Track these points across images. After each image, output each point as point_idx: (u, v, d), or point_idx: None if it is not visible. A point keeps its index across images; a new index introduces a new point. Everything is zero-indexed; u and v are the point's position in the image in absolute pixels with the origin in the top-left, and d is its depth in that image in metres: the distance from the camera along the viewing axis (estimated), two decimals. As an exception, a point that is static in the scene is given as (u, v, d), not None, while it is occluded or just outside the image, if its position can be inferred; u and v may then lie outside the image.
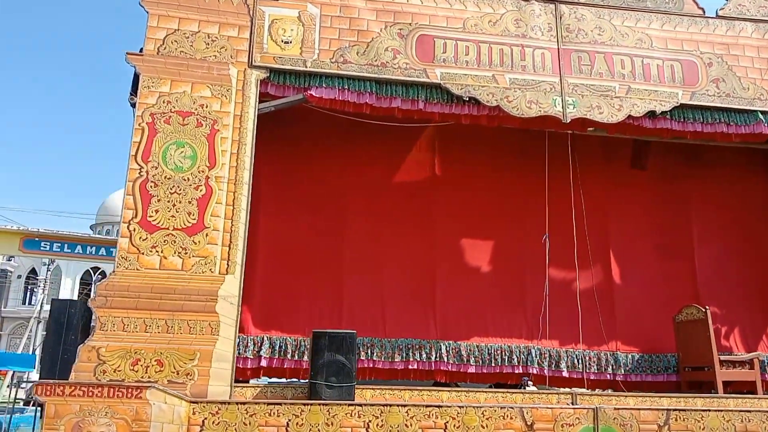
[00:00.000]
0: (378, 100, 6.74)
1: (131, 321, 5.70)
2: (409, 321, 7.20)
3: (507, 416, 5.76)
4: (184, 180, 6.11)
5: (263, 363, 6.81)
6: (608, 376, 7.46)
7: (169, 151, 6.15)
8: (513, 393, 6.36)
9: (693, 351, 7.15)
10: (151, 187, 6.03)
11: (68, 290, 44.92)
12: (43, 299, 35.02)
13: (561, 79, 6.94)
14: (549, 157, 7.66)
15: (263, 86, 6.57)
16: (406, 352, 7.08)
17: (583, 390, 6.59)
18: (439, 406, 5.71)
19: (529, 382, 6.91)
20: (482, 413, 5.73)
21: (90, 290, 45.09)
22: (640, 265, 8.01)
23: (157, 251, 5.90)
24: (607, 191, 8.03)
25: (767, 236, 8.24)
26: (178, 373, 5.63)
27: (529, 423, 5.78)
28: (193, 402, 5.44)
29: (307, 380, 6.13)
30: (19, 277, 44.12)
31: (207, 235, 6.02)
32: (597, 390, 7.10)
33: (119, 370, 5.55)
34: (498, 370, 7.27)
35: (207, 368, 5.69)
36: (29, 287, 44.67)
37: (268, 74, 6.57)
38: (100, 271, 45.93)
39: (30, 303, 43.16)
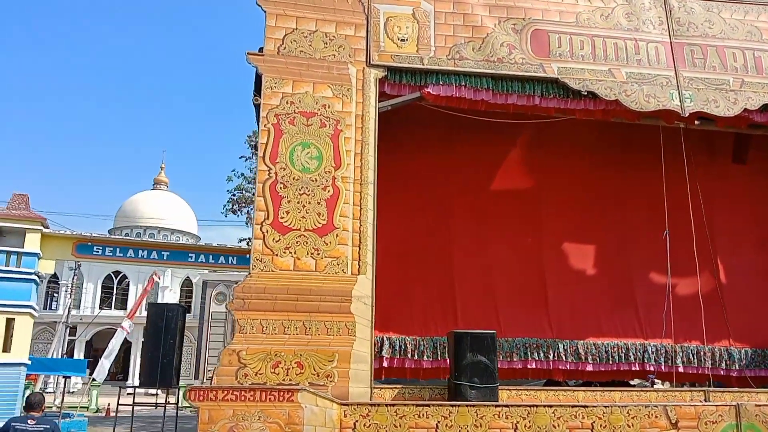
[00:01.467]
0: (494, 97, 6.67)
1: (269, 323, 5.65)
2: (523, 321, 7.13)
3: (652, 415, 5.70)
4: (312, 181, 6.06)
5: (384, 363, 6.75)
6: (722, 371, 7.37)
7: (295, 152, 6.10)
8: (647, 391, 6.27)
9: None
10: (280, 188, 5.98)
11: (90, 294, 45.29)
12: (69, 303, 35.05)
13: (676, 73, 6.85)
14: (652, 153, 7.57)
15: (380, 85, 6.51)
16: (524, 351, 7.01)
17: (716, 388, 6.46)
18: (585, 406, 5.65)
19: (656, 380, 6.82)
20: (627, 412, 5.67)
21: (111, 295, 45.50)
22: (746, 259, 7.91)
23: (290, 252, 5.85)
24: (710, 186, 7.88)
25: None
26: (318, 375, 5.58)
27: (673, 421, 5.71)
28: (344, 404, 5.39)
29: (445, 380, 6.09)
30: (41, 281, 44.62)
31: (337, 235, 5.97)
32: (725, 387, 6.97)
33: (260, 373, 5.50)
34: (615, 368, 7.20)
35: (346, 369, 5.64)
36: (50, 291, 45.03)
37: (386, 73, 6.50)
38: (121, 275, 46.31)
39: (51, 308, 43.49)
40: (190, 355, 46.53)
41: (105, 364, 20.08)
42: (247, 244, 23.11)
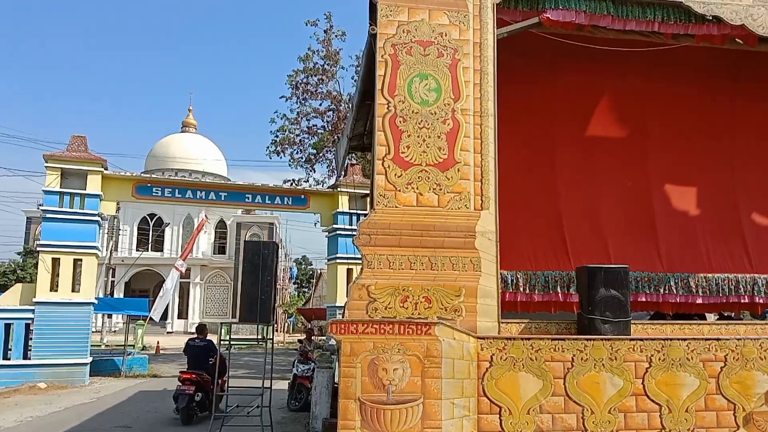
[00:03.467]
0: (612, 22, 6.35)
1: (396, 258, 5.60)
2: (633, 254, 7.00)
3: (785, 347, 5.61)
4: (431, 114, 5.87)
5: (497, 298, 6.71)
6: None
7: (413, 83, 5.89)
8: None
9: None
10: (400, 122, 5.81)
11: (127, 236, 46.25)
12: (111, 246, 35.75)
13: (807, -7, 6.42)
14: (762, 82, 7.25)
15: (497, 11, 6.20)
16: (635, 284, 6.91)
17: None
18: (718, 339, 5.59)
19: (774, 313, 6.73)
20: (760, 345, 5.60)
21: (147, 237, 46.38)
22: None
23: (412, 188, 5.73)
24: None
25: None
26: (446, 310, 5.55)
27: (806, 354, 5.62)
28: (480, 338, 5.39)
29: (558, 314, 6.05)
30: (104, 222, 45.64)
31: (458, 170, 5.82)
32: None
33: (390, 308, 5.49)
34: (725, 300, 7.11)
35: (473, 304, 5.59)
36: (88, 234, 46.03)
37: (503, -2, 6.19)
38: (156, 218, 47.06)
39: (90, 250, 44.57)
40: (227, 294, 47.90)
41: (161, 304, 20.63)
42: (292, 184, 23.15)
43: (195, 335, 10.82)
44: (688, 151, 7.53)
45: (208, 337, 10.91)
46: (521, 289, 6.82)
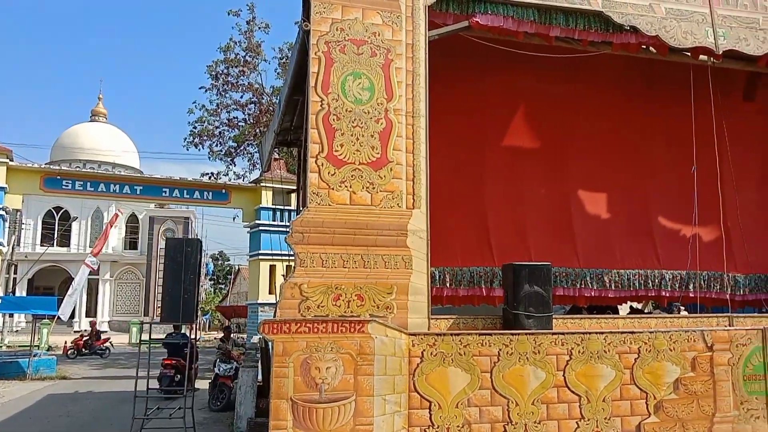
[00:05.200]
0: (538, 28, 6.61)
1: (329, 257, 5.60)
2: (552, 251, 7.32)
3: (691, 339, 6.06)
4: (365, 113, 5.90)
5: (425, 294, 6.85)
6: (727, 296, 7.85)
7: (347, 82, 5.90)
8: (678, 317, 6.66)
9: (814, 273, 7.57)
10: (333, 120, 5.81)
11: (31, 230, 43.50)
12: (14, 240, 33.55)
13: (711, 11, 6.94)
14: (671, 89, 7.76)
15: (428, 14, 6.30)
16: (554, 280, 7.23)
17: (738, 314, 6.90)
18: (632, 332, 5.95)
19: (681, 307, 7.23)
20: (670, 337, 6.01)
21: (53, 231, 43.83)
22: (751, 194, 8.31)
23: (346, 186, 5.75)
24: (723, 122, 8.15)
25: None
26: (378, 307, 5.61)
27: (709, 344, 6.11)
28: (412, 335, 5.48)
29: (481, 307, 6.26)
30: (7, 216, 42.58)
31: (391, 169, 5.89)
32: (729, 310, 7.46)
33: (322, 306, 5.49)
34: (634, 294, 7.58)
35: (405, 301, 5.69)
36: (-15, 228, 43.05)
37: (434, 0, 6.30)
38: (63, 211, 44.51)
39: (-13, 245, 41.75)
40: (138, 291, 46.03)
41: (70, 302, 19.58)
42: (210, 178, 22.56)
43: (173, 331, 13.03)
44: (606, 155, 7.95)
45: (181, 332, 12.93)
46: (448, 284, 7.01)
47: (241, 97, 23.44)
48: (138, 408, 8.22)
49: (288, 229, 5.75)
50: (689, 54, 7.33)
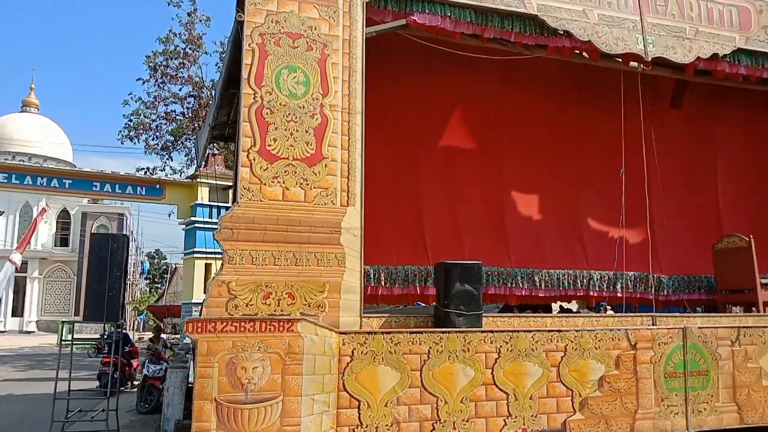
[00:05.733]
0: (475, 29, 6.67)
1: (259, 254, 5.47)
2: (485, 250, 7.41)
3: (615, 338, 6.23)
4: (300, 107, 5.80)
5: (359, 292, 6.82)
6: (652, 296, 8.14)
7: (281, 75, 5.78)
8: (603, 317, 6.82)
9: (732, 275, 7.94)
10: (267, 113, 5.68)
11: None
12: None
13: (641, 18, 7.15)
14: (603, 95, 7.98)
15: (366, 10, 6.25)
16: (486, 278, 7.33)
17: (661, 314, 7.13)
18: (559, 331, 6.06)
19: (607, 307, 7.43)
20: (595, 336, 6.16)
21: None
22: (677, 199, 8.64)
23: (278, 182, 5.63)
24: (651, 128, 8.41)
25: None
26: (309, 306, 5.52)
27: (632, 343, 6.29)
28: (342, 333, 5.41)
29: (419, 305, 6.26)
30: None
31: (326, 165, 5.81)
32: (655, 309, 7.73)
33: (251, 304, 5.36)
34: (563, 293, 7.76)
35: (337, 300, 5.62)
36: None
37: (372, -3, 6.25)
38: (-13, 204, 42.24)
39: None
40: (69, 290, 44.20)
41: (-8, 299, 18.55)
42: (146, 173, 21.86)
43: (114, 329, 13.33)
44: (539, 157, 8.12)
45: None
46: (383, 283, 7.00)
47: (180, 90, 22.82)
48: (59, 410, 7.84)
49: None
50: (620, 60, 7.54)
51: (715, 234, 8.56)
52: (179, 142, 22.76)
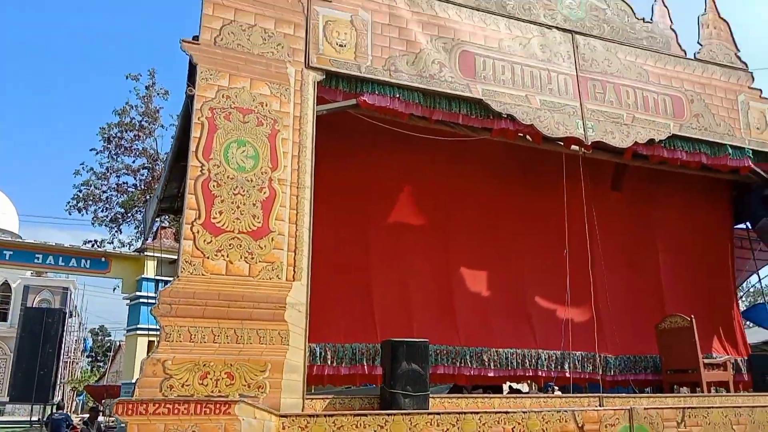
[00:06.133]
0: (423, 111, 6.86)
1: (198, 330, 5.28)
2: (434, 329, 7.34)
3: (563, 419, 6.14)
4: (248, 181, 5.78)
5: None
6: (598, 375, 8.13)
7: (230, 149, 5.79)
8: (551, 397, 6.76)
9: (676, 355, 8.04)
10: (213, 186, 5.64)
11: None
12: None
13: (581, 104, 7.51)
14: (547, 176, 8.24)
15: (317, 89, 6.40)
16: (435, 357, 7.22)
17: (609, 394, 7.11)
18: (506, 412, 5.95)
19: (555, 387, 7.36)
20: (542, 417, 6.06)
21: None
22: (618, 278, 8.81)
23: (222, 255, 5.52)
24: (592, 209, 8.66)
25: (718, 254, 9.51)
26: (249, 386, 5.31)
27: (580, 425, 6.21)
28: (282, 416, 5.18)
29: (368, 386, 6.08)
30: None
31: (272, 239, 5.74)
32: (602, 389, 7.70)
33: (187, 385, 5.12)
34: (512, 373, 7.67)
35: (279, 380, 5.43)
36: None
37: (324, 76, 6.41)
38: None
39: None
40: (3, 368, 41.58)
41: None
42: (93, 245, 21.24)
43: (55, 411, 12.49)
44: (487, 235, 8.23)
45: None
46: (329, 362, 6.79)
47: (134, 162, 22.64)
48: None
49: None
50: (562, 144, 7.86)
51: (658, 314, 8.70)
52: (129, 215, 22.34)
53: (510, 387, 8.59)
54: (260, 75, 6.08)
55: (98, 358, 57.49)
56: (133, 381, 15.77)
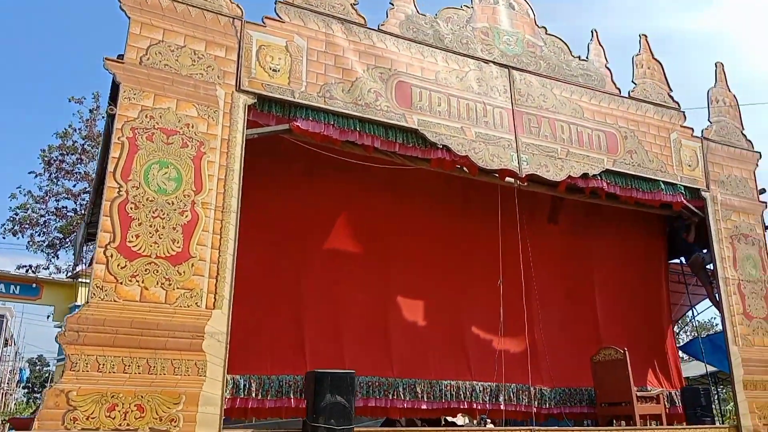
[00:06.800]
0: (360, 138, 6.79)
1: (107, 360, 5.00)
2: (367, 360, 7.18)
3: (491, 453, 6.01)
4: (168, 204, 5.57)
5: (227, 404, 6.29)
6: (534, 408, 8.06)
7: (151, 170, 5.59)
8: (483, 431, 6.63)
9: (610, 388, 8.04)
10: (131, 208, 5.41)
11: None
12: None
13: (516, 138, 7.58)
14: (484, 209, 8.26)
15: (249, 112, 6.27)
16: (366, 389, 7.05)
17: (542, 427, 7.03)
18: (434, 446, 5.78)
19: (488, 420, 7.24)
20: (471, 451, 5.92)
21: None
22: (555, 310, 8.85)
23: (137, 281, 5.27)
24: (528, 241, 8.69)
25: (652, 287, 9.67)
26: (161, 420, 5.04)
27: (509, 458, 6.09)
28: (192, 452, 4.90)
29: (287, 420, 5.84)
30: None
31: (193, 265, 5.53)
32: (537, 422, 7.63)
33: (93, 418, 4.82)
34: (447, 405, 7.55)
35: (194, 413, 5.16)
36: None
37: (255, 100, 6.29)
38: None
39: None
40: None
41: None
42: (27, 271, 20.34)
43: None
44: (424, 266, 8.15)
45: None
46: (254, 394, 6.51)
47: (75, 186, 21.87)
48: None
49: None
50: (498, 176, 7.91)
51: (595, 346, 8.73)
52: (68, 240, 21.49)
53: (444, 420, 8.42)
54: (187, 96, 5.92)
55: (35, 389, 54.84)
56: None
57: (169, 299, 5.35)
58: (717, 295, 8.66)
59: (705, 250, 9.18)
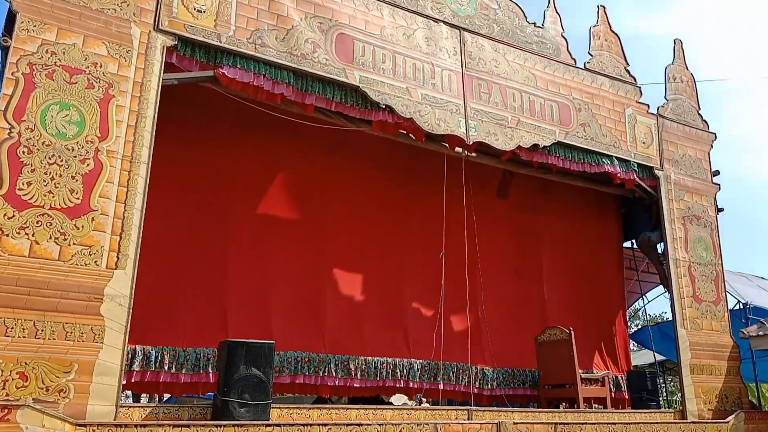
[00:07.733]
0: (294, 93, 6.25)
1: (-14, 321, 4.38)
2: (297, 334, 6.69)
3: (422, 432, 5.59)
4: (68, 149, 4.96)
5: (134, 378, 5.74)
6: (476, 389, 7.71)
7: (50, 112, 4.95)
8: (416, 410, 6.21)
9: (554, 369, 7.71)
10: (23, 152, 4.78)
11: None
12: None
13: (465, 102, 7.14)
14: (430, 178, 7.82)
15: (168, 55, 5.66)
16: (294, 365, 6.56)
17: (479, 407, 6.63)
18: (360, 424, 5.34)
19: (423, 399, 6.84)
20: (400, 430, 5.50)
21: None
22: (502, 287, 8.47)
23: (26, 234, 4.66)
24: (478, 217, 8.30)
25: (604, 269, 9.40)
26: (47, 390, 4.46)
27: (441, 439, 5.68)
28: (80, 425, 4.34)
29: (208, 395, 5.33)
30: None
31: (93, 219, 4.93)
32: (479, 403, 7.27)
33: (-36, 387, 4.20)
34: (381, 384, 7.12)
35: (87, 383, 4.61)
36: None
37: (176, 42, 5.69)
38: None
39: None
40: None
41: None
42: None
43: None
44: (364, 236, 7.67)
45: None
46: (166, 367, 5.94)
47: None
48: None
49: None
50: (446, 144, 7.47)
51: (540, 327, 8.38)
52: None
53: (381, 399, 7.99)
54: (96, 32, 5.29)
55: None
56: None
57: (63, 256, 4.75)
58: (668, 276, 8.42)
59: (654, 230, 8.91)
